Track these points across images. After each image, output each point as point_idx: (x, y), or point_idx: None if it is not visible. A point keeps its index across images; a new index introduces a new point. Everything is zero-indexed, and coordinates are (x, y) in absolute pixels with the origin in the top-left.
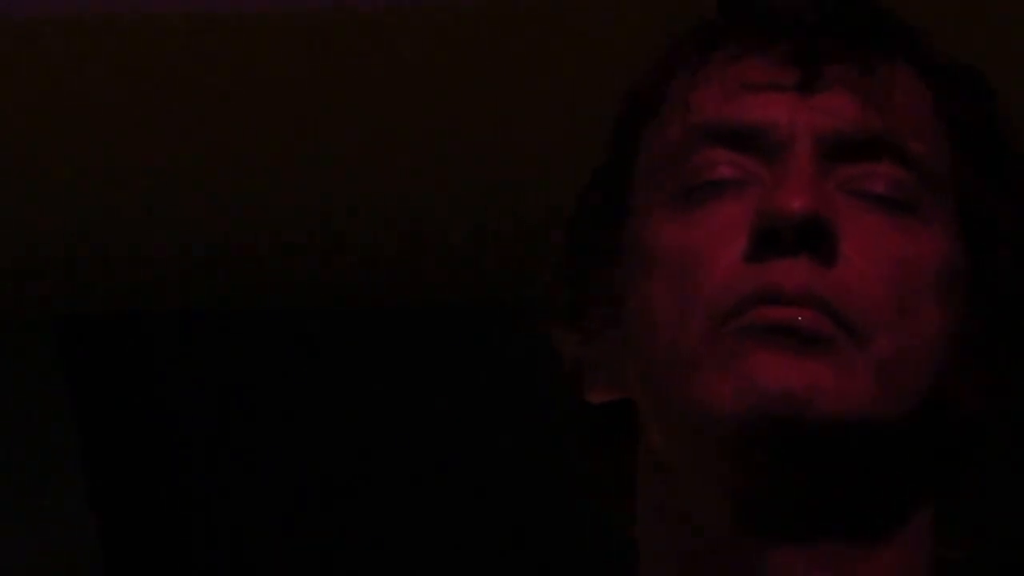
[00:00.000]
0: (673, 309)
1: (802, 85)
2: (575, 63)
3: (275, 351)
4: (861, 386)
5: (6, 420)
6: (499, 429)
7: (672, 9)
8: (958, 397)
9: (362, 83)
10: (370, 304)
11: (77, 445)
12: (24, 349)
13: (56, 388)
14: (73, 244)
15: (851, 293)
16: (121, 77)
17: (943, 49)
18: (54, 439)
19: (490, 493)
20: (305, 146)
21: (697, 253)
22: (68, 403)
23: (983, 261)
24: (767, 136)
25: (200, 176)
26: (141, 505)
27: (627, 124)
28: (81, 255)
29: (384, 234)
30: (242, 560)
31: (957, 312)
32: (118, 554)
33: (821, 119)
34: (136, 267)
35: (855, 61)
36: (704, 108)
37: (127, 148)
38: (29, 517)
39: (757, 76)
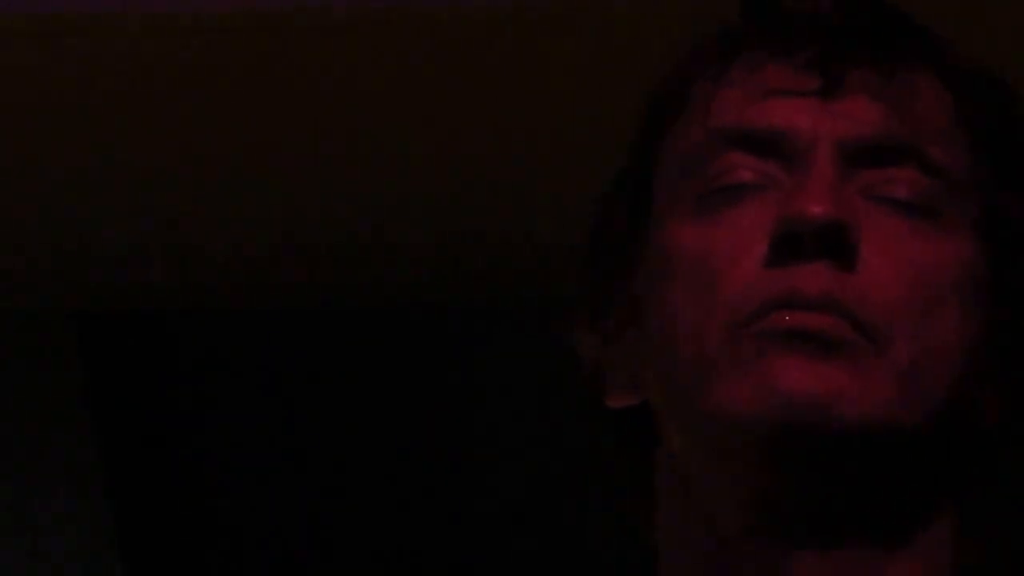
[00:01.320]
0: (693, 312)
1: (824, 91)
2: (588, 65)
3: (291, 350)
4: (881, 391)
5: (24, 415)
6: (514, 432)
7: (690, 15)
8: (980, 404)
9: (363, 84)
10: (392, 304)
11: (94, 441)
12: (43, 346)
13: (74, 385)
14: (92, 242)
15: (871, 298)
16: (139, 76)
17: (964, 53)
18: (71, 435)
19: (505, 495)
20: (324, 149)
21: (717, 257)
22: (85, 400)
23: (1005, 267)
24: (788, 141)
25: (219, 177)
26: (157, 501)
27: (648, 127)
28: (100, 253)
29: (409, 234)
30: (255, 553)
31: (979, 319)
32: (134, 547)
33: (842, 125)
34: (154, 266)
35: (877, 67)
36: (726, 113)
37: (148, 148)
38: (46, 513)
39: (779, 81)
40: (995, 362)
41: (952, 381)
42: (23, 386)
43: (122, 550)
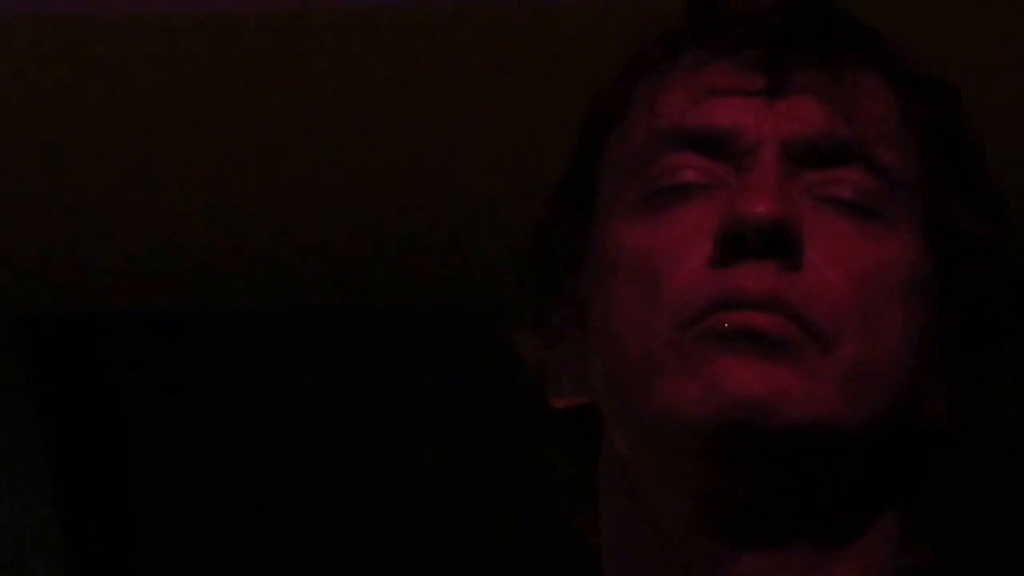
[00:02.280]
0: (638, 313)
1: (769, 90)
2: (557, 69)
3: (242, 351)
4: (826, 391)
5: None
6: (464, 432)
7: (647, 17)
8: (925, 403)
9: (343, 84)
10: (333, 305)
11: (40, 443)
12: None
13: (20, 387)
14: (37, 243)
15: (816, 298)
16: (91, 77)
17: (911, 53)
18: (17, 437)
19: (457, 495)
20: (270, 147)
21: (662, 257)
22: (32, 402)
23: (950, 267)
24: (733, 141)
25: (166, 176)
26: (103, 502)
27: (592, 127)
28: (45, 254)
29: (352, 235)
30: (202, 555)
31: (924, 319)
32: (78, 549)
33: (788, 125)
34: (101, 267)
35: (822, 67)
36: (670, 112)
37: (94, 148)
38: None
39: (724, 81)
40: (940, 362)
41: (898, 381)
42: None
43: (67, 552)
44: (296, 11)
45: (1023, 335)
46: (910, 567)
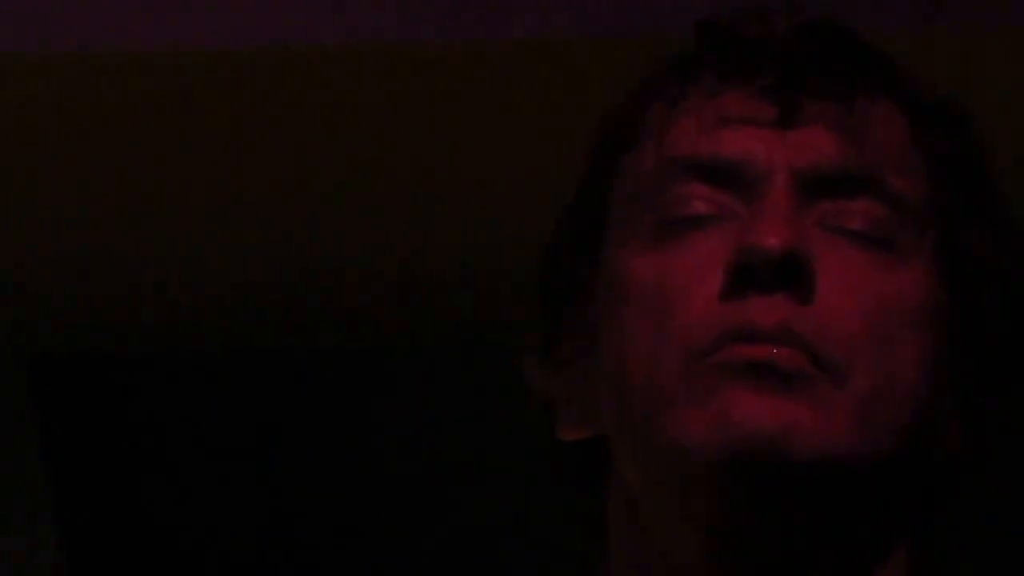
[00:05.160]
0: (648, 344)
1: (780, 120)
2: (565, 103)
3: (246, 391)
4: (839, 425)
5: None
6: (474, 466)
7: (654, 52)
8: (937, 436)
9: (340, 119)
10: (341, 345)
11: (48, 483)
12: None
13: (27, 428)
14: (47, 285)
15: (828, 330)
16: (101, 119)
17: (923, 79)
18: (25, 477)
19: (465, 527)
20: (277, 189)
21: (672, 288)
22: (39, 442)
23: (963, 298)
24: (744, 171)
25: (174, 220)
26: (110, 544)
27: (602, 155)
28: (55, 296)
29: (358, 275)
30: None
31: (937, 348)
32: None
33: (799, 155)
34: (110, 310)
35: (834, 96)
36: (680, 142)
37: (100, 189)
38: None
39: (735, 110)
40: (954, 390)
41: (910, 413)
42: None
43: None
44: (313, 50)
45: None
46: None
